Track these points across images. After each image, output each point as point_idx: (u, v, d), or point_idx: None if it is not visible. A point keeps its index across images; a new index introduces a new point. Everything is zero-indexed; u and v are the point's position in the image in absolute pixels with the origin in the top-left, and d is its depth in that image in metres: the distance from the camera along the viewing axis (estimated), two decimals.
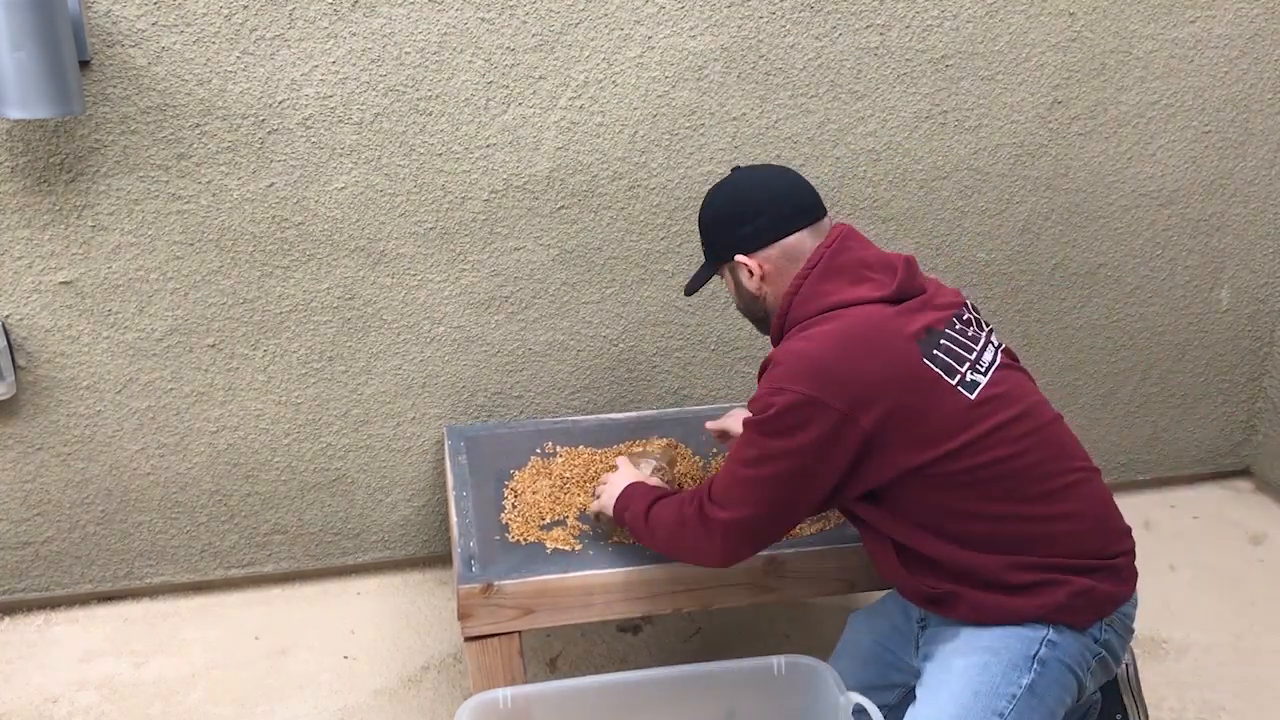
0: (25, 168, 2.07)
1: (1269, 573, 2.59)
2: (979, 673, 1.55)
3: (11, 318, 2.18)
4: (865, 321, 1.54)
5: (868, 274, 1.60)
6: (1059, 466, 1.59)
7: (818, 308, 1.58)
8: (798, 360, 1.52)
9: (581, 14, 2.18)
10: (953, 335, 1.58)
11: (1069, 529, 1.58)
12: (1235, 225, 2.73)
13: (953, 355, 1.55)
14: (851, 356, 1.50)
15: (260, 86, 2.11)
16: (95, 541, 2.40)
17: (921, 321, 1.56)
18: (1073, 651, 1.57)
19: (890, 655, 1.76)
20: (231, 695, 2.18)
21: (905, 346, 1.52)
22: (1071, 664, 1.57)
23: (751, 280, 1.68)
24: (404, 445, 2.48)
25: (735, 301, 1.77)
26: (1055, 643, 1.56)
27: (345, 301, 2.31)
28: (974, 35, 2.38)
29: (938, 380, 1.52)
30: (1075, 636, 1.57)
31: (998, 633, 1.57)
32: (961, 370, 1.55)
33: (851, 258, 1.61)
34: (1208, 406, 2.93)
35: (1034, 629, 1.56)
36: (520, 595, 1.77)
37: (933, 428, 1.51)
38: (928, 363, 1.52)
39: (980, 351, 1.59)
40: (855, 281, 1.59)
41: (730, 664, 1.71)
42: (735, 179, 1.72)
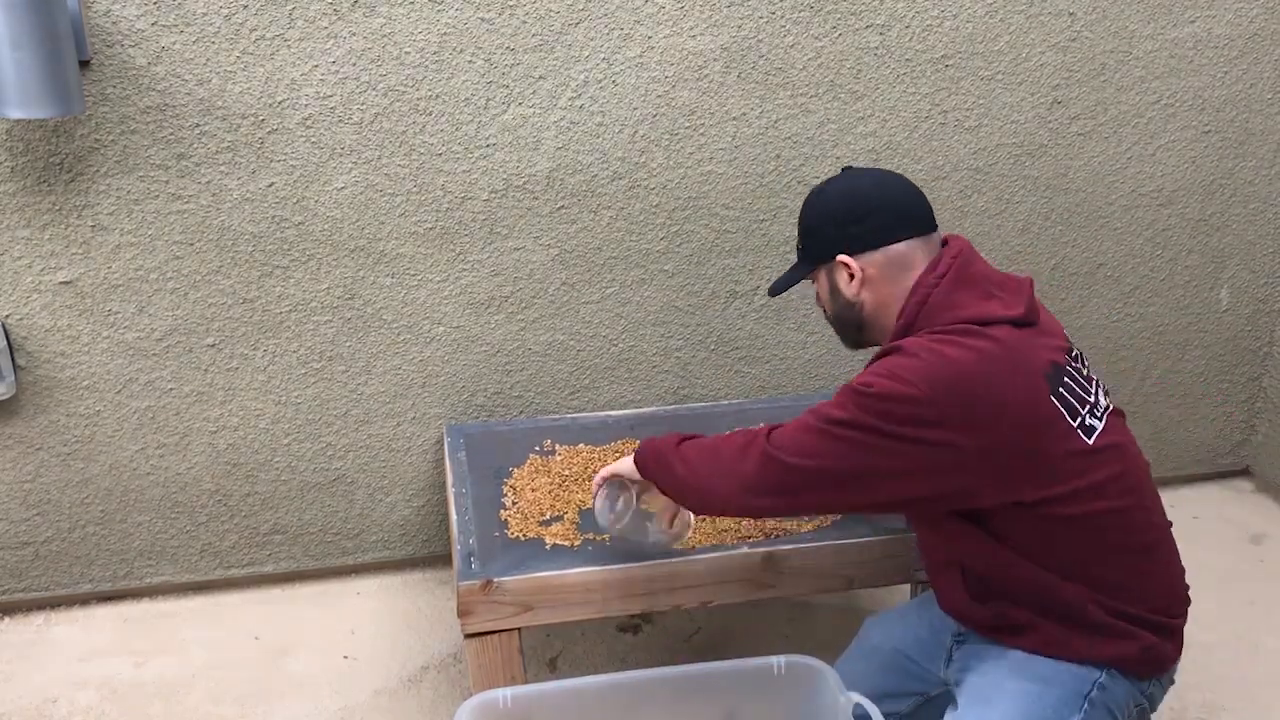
0: (25, 168, 2.07)
1: (1269, 573, 2.59)
2: (1032, 701, 1.52)
3: (11, 318, 2.18)
4: (1003, 343, 1.45)
5: (995, 291, 1.53)
6: (1153, 521, 1.57)
7: (954, 318, 1.49)
8: (930, 356, 1.42)
9: (581, 14, 2.18)
10: (1073, 373, 1.52)
11: (1153, 585, 1.56)
12: (1235, 225, 2.73)
13: (1074, 396, 1.49)
14: (986, 375, 1.42)
15: (260, 86, 2.11)
16: (95, 541, 2.40)
17: (1048, 355, 1.49)
18: (1120, 699, 1.55)
19: (911, 664, 1.73)
20: (231, 695, 2.18)
21: (1037, 379, 1.45)
22: (1116, 710, 1.54)
23: (851, 284, 1.58)
24: (404, 445, 2.48)
25: (824, 307, 1.67)
26: (1106, 687, 1.53)
27: (345, 301, 2.31)
28: (974, 35, 2.38)
29: (1060, 419, 1.45)
30: (1127, 686, 1.55)
31: (1052, 664, 1.55)
32: (1082, 413, 1.49)
33: (979, 271, 1.54)
34: (1208, 406, 2.93)
35: (1089, 669, 1.54)
36: (520, 592, 1.77)
37: (1048, 468, 1.45)
38: (1054, 400, 1.46)
39: (1096, 394, 1.55)
40: (985, 297, 1.51)
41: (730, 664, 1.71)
42: (845, 178, 1.62)
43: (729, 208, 2.41)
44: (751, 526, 1.93)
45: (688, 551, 1.84)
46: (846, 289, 1.59)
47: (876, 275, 1.56)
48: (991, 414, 1.40)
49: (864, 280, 1.57)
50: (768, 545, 1.87)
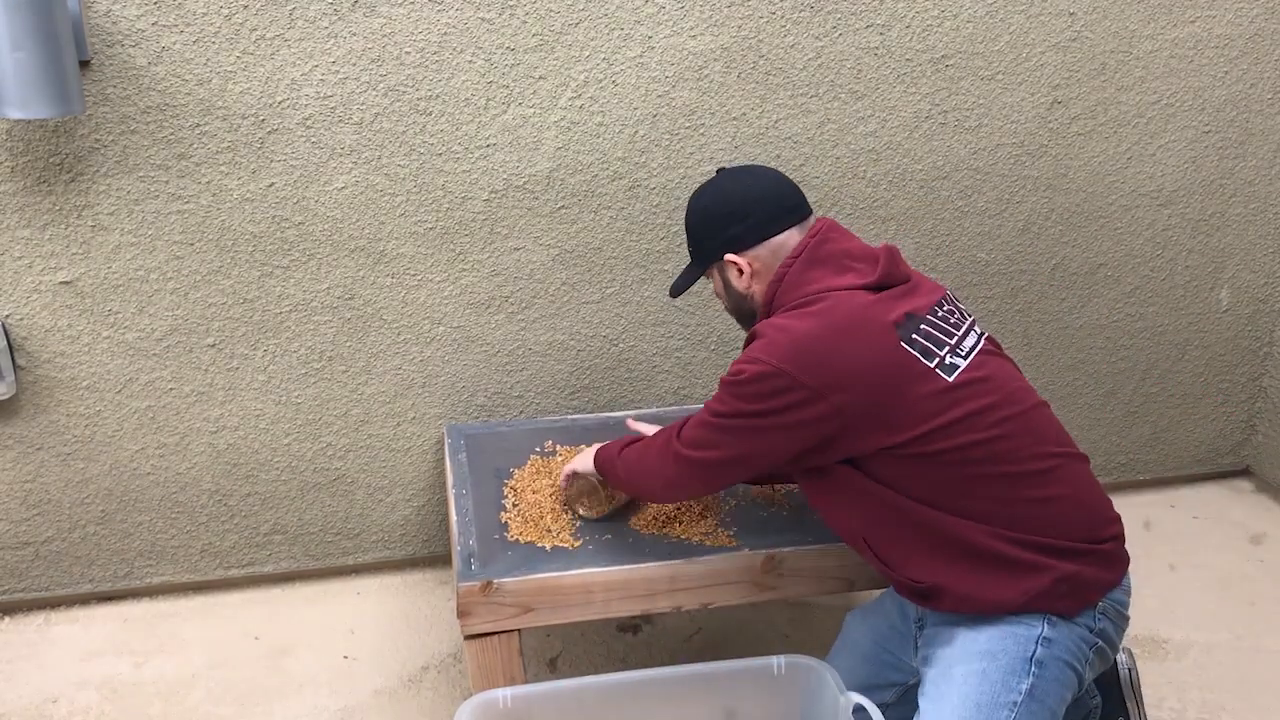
0: (25, 168, 2.07)
1: (1269, 573, 2.59)
2: (979, 681, 1.55)
3: (11, 318, 2.18)
4: (847, 305, 1.58)
5: (851, 264, 1.64)
6: (1040, 450, 1.60)
7: (802, 294, 1.62)
8: (778, 334, 1.57)
9: (581, 14, 2.18)
10: (933, 320, 1.61)
11: (1052, 512, 1.58)
12: (1235, 225, 2.73)
13: (932, 339, 1.58)
14: (830, 338, 1.55)
15: (260, 86, 2.11)
16: (95, 541, 2.40)
17: (903, 308, 1.59)
18: (1069, 646, 1.57)
19: (888, 655, 1.76)
20: (231, 695, 2.18)
21: (883, 331, 1.56)
22: (1069, 659, 1.57)
23: (741, 279, 1.72)
24: (404, 445, 2.48)
25: (723, 300, 1.81)
26: (1051, 639, 1.56)
27: (345, 301, 2.31)
28: (974, 35, 2.38)
29: (914, 362, 1.55)
30: (1070, 629, 1.57)
31: (993, 634, 1.57)
32: (940, 354, 1.58)
33: (835, 248, 1.66)
34: (1208, 406, 2.93)
35: (1028, 626, 1.56)
36: (520, 593, 1.77)
37: (907, 410, 1.54)
38: (905, 346, 1.56)
39: (962, 337, 1.62)
40: (839, 271, 1.63)
41: (730, 664, 1.71)
42: (721, 180, 1.75)
43: None
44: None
45: (688, 552, 1.84)
46: (737, 283, 1.73)
47: (762, 268, 1.70)
48: (843, 367, 1.53)
49: (753, 273, 1.71)
50: (768, 547, 1.87)
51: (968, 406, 1.55)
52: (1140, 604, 2.43)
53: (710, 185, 1.76)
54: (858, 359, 1.54)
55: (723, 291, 1.78)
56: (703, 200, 1.75)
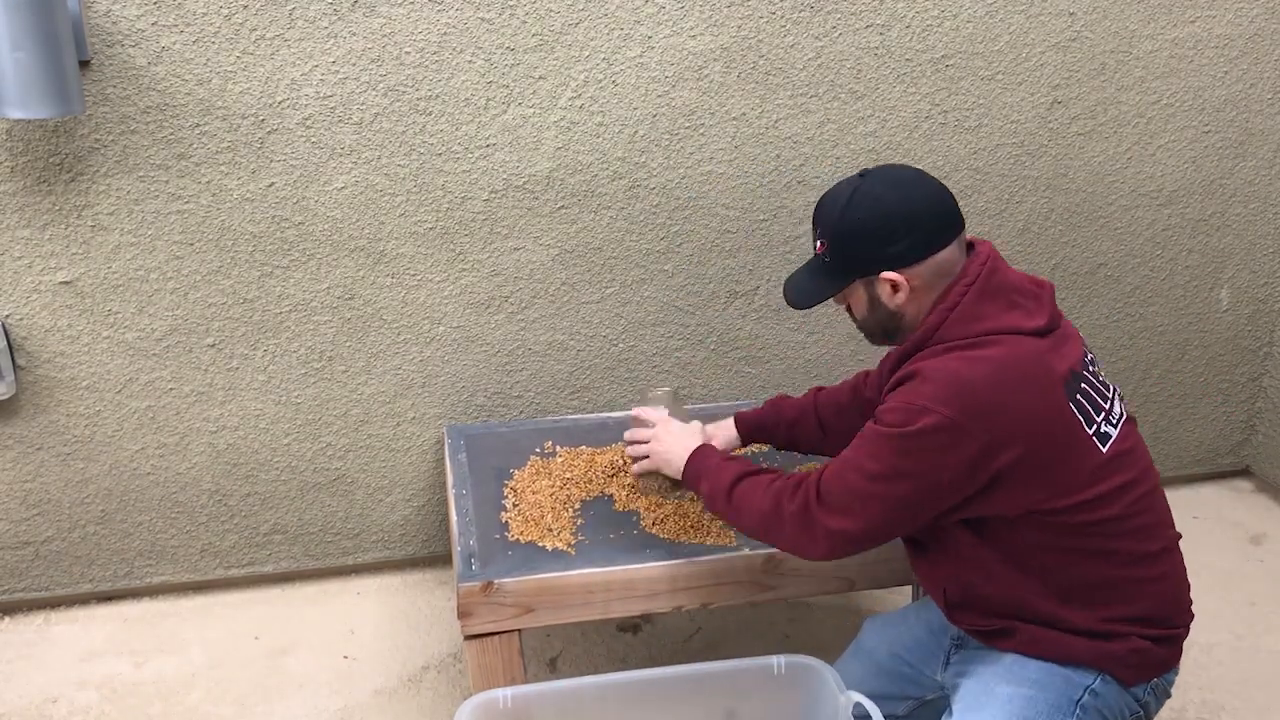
0: (25, 168, 2.07)
1: (1269, 573, 2.59)
2: (1023, 705, 1.52)
3: (11, 318, 2.18)
4: (1022, 354, 1.47)
5: (1019, 300, 1.53)
6: (1161, 531, 1.57)
7: (971, 331, 1.49)
8: (951, 382, 1.43)
9: (581, 14, 2.18)
10: (1090, 381, 1.53)
11: (1154, 593, 1.56)
12: (1235, 225, 2.73)
13: (1091, 403, 1.50)
14: (1005, 389, 1.43)
15: (260, 86, 2.11)
16: (95, 541, 2.40)
17: (1067, 363, 1.50)
18: (1113, 706, 1.55)
19: (908, 669, 1.74)
20: (231, 695, 2.18)
21: (1054, 387, 1.46)
22: (1109, 716, 1.54)
23: (895, 296, 1.55)
24: (404, 445, 2.48)
25: (857, 314, 1.63)
26: (1099, 693, 1.53)
27: (345, 301, 2.31)
28: (974, 35, 2.38)
29: (1079, 428, 1.47)
30: (1120, 692, 1.55)
31: (1044, 668, 1.55)
32: (1098, 420, 1.50)
33: (1004, 280, 1.53)
34: (1208, 406, 2.93)
35: (1083, 674, 1.54)
36: (520, 594, 1.77)
37: (1065, 476, 1.46)
38: (1072, 408, 1.47)
39: (1112, 403, 1.55)
40: (1009, 307, 1.51)
41: (730, 664, 1.71)
42: (875, 188, 1.54)
43: (729, 208, 2.41)
44: None
45: (688, 552, 1.84)
46: (889, 300, 1.56)
47: (922, 285, 1.54)
48: (1017, 420, 1.42)
49: (910, 291, 1.54)
50: (768, 547, 1.87)
51: (1114, 481, 1.49)
52: None
53: (863, 194, 1.54)
54: (1032, 413, 1.43)
55: (864, 308, 1.59)
56: (858, 211, 1.53)
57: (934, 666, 1.71)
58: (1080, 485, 1.47)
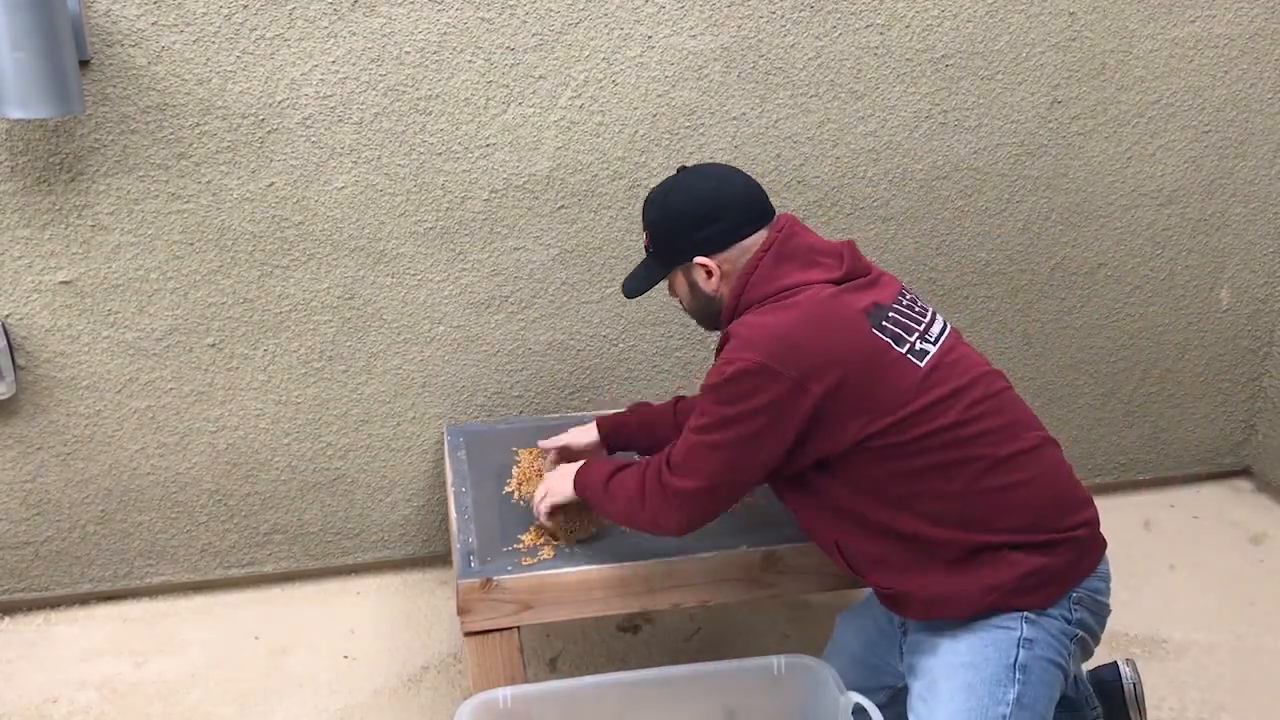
0: (25, 167, 2.07)
1: (1269, 573, 2.59)
2: (965, 696, 1.53)
3: (11, 317, 2.18)
4: (818, 298, 1.59)
5: (817, 258, 1.65)
6: (1011, 433, 1.60)
7: (771, 290, 1.62)
8: (752, 330, 1.57)
9: (581, 14, 2.18)
10: (900, 309, 1.63)
11: (1022, 498, 1.57)
12: (1235, 225, 2.73)
13: (901, 326, 1.60)
14: (805, 329, 1.55)
15: (260, 86, 2.11)
16: (95, 541, 2.40)
17: (869, 298, 1.61)
18: (1050, 643, 1.56)
19: (876, 659, 1.76)
20: (231, 695, 2.18)
21: (855, 319, 1.57)
22: (1052, 656, 1.55)
23: (709, 281, 1.69)
24: (404, 445, 2.48)
25: (683, 301, 1.77)
26: (1031, 640, 1.55)
27: (345, 301, 2.31)
28: (974, 35, 2.38)
29: (887, 349, 1.56)
30: (1047, 624, 1.56)
31: (973, 642, 1.56)
32: (910, 340, 1.59)
33: (801, 243, 1.66)
34: (1208, 406, 2.93)
35: (1006, 630, 1.55)
36: (519, 590, 1.77)
37: (884, 395, 1.54)
38: (877, 333, 1.57)
39: (929, 324, 1.64)
40: (806, 266, 1.64)
41: (730, 664, 1.71)
42: (688, 181, 1.71)
43: None
44: None
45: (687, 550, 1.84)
46: (705, 285, 1.70)
47: (731, 269, 1.68)
48: (821, 354, 1.53)
49: (721, 275, 1.68)
50: (767, 545, 1.87)
51: (939, 391, 1.56)
52: (1140, 604, 2.43)
53: (677, 185, 1.71)
54: (834, 346, 1.54)
55: (686, 293, 1.75)
56: (671, 201, 1.70)
57: (894, 655, 1.74)
58: (902, 401, 1.54)
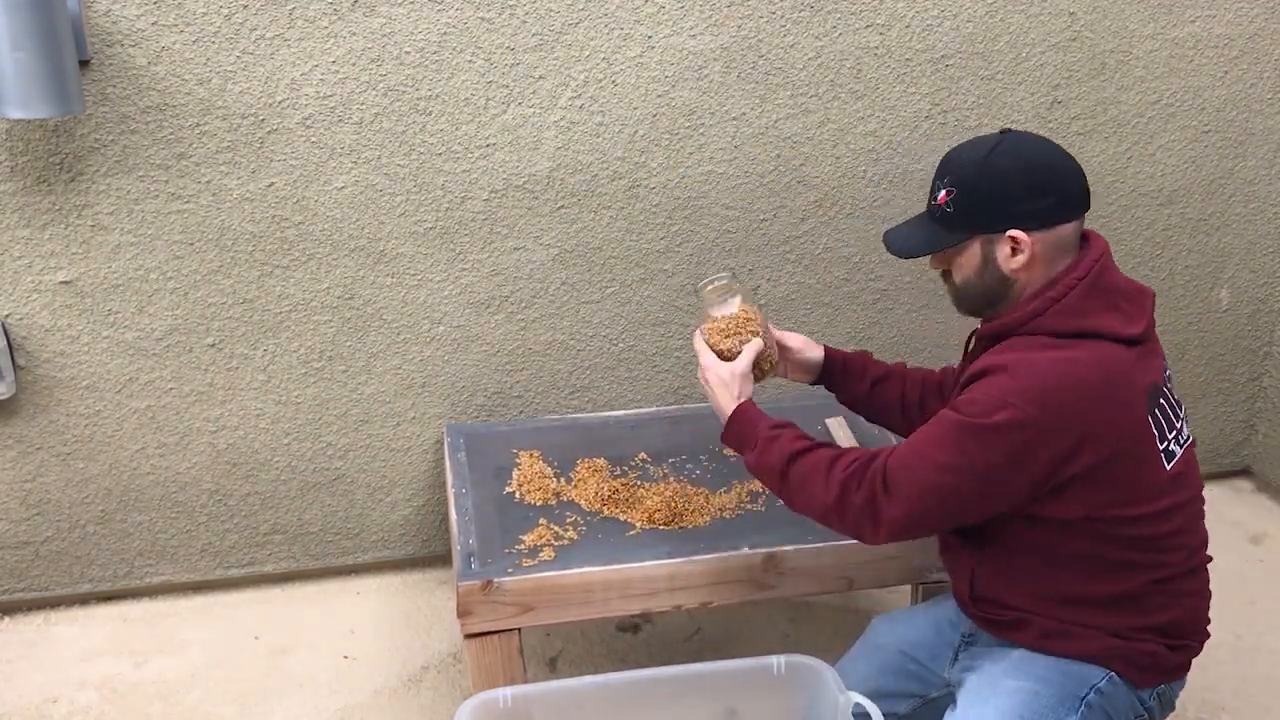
0: (25, 167, 2.07)
1: (1269, 573, 2.59)
2: (1028, 699, 1.51)
3: (11, 317, 2.18)
4: (1110, 361, 1.43)
5: (1122, 304, 1.49)
6: (1198, 550, 1.58)
7: (1070, 327, 1.45)
8: (1036, 378, 1.40)
9: (581, 14, 2.18)
10: (1168, 397, 1.52)
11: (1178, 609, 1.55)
12: (1235, 225, 2.73)
13: (1165, 419, 1.49)
14: (1092, 393, 1.40)
15: (260, 86, 2.11)
16: (95, 541, 2.40)
17: (1151, 375, 1.49)
18: (1119, 707, 1.54)
19: (915, 666, 1.73)
20: (231, 695, 2.18)
21: (1138, 399, 1.44)
22: (1114, 716, 1.54)
23: (1013, 260, 1.48)
24: (404, 445, 2.48)
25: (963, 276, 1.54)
26: (1105, 692, 1.52)
27: (345, 301, 2.31)
28: (974, 35, 2.38)
29: (1153, 442, 1.46)
30: (1127, 693, 1.54)
31: (1051, 664, 1.54)
32: (1169, 437, 1.49)
33: (1112, 281, 1.50)
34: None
35: (1090, 671, 1.53)
36: (519, 592, 1.77)
37: (1133, 486, 1.45)
38: (1150, 421, 1.46)
39: (1183, 422, 1.55)
40: (1110, 308, 1.47)
41: (730, 664, 1.71)
42: (1020, 144, 1.50)
43: (729, 208, 2.41)
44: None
45: (688, 551, 1.84)
46: (1005, 264, 1.49)
47: (1041, 255, 1.48)
48: (1095, 423, 1.40)
49: (1030, 258, 1.47)
50: (768, 546, 1.87)
51: (1174, 499, 1.49)
52: None
53: (1004, 145, 1.50)
54: (1114, 421, 1.41)
55: (976, 267, 1.52)
56: (996, 161, 1.48)
57: (942, 664, 1.70)
58: (1144, 498, 1.46)
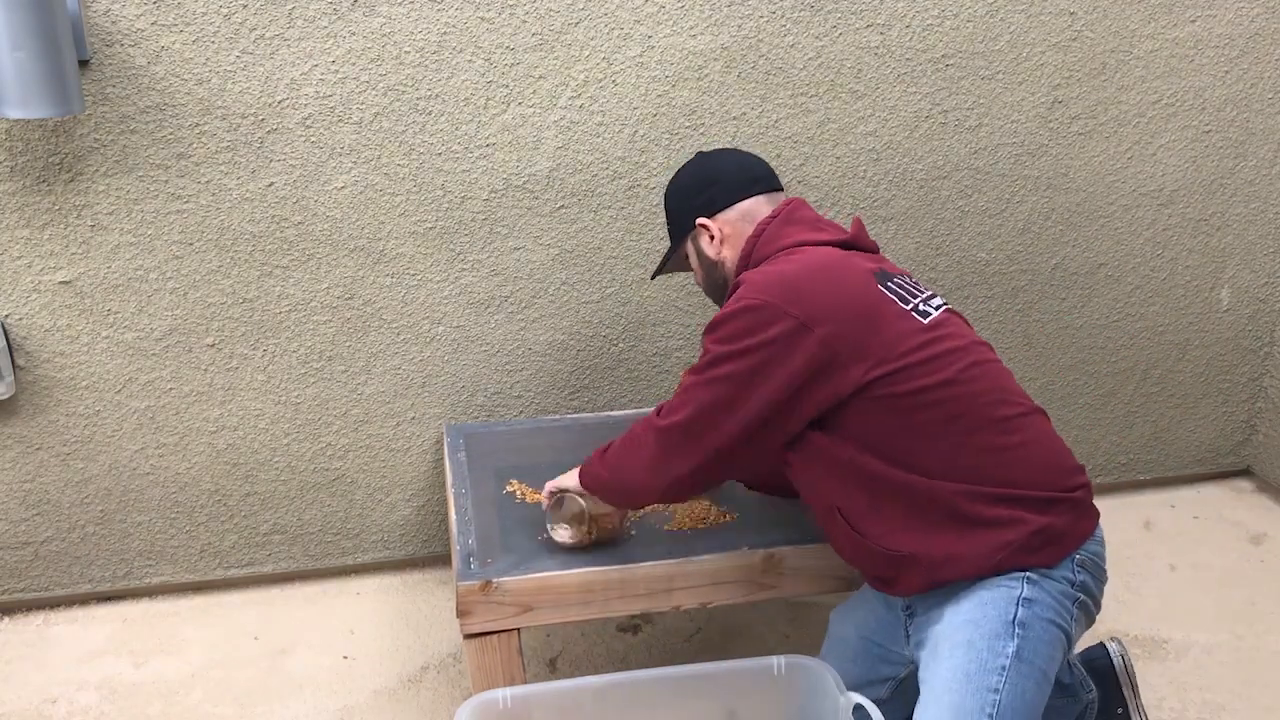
0: (25, 167, 2.07)
1: (1269, 573, 2.59)
2: (965, 652, 1.53)
3: (11, 317, 2.18)
4: (824, 254, 1.64)
5: (822, 227, 1.71)
6: (1005, 398, 1.62)
7: (778, 247, 1.67)
8: (761, 277, 1.60)
9: (581, 13, 2.18)
10: (903, 280, 1.68)
11: (1022, 457, 1.58)
12: (1235, 225, 2.73)
13: (905, 290, 1.64)
14: (812, 276, 1.59)
15: (260, 86, 2.11)
16: (95, 541, 2.40)
17: (876, 264, 1.67)
18: (1051, 604, 1.55)
19: (877, 648, 1.75)
20: (231, 695, 2.18)
21: (862, 275, 1.62)
22: (1053, 617, 1.55)
23: (712, 245, 1.76)
24: (403, 445, 2.48)
25: (697, 277, 1.85)
26: (1031, 599, 1.54)
27: (345, 301, 2.31)
28: (974, 35, 2.38)
29: (892, 302, 1.60)
30: (1050, 585, 1.55)
31: (974, 602, 1.56)
32: (914, 301, 1.63)
33: (809, 214, 1.73)
34: (1208, 406, 2.93)
35: (1007, 589, 1.54)
36: (519, 592, 1.77)
37: (887, 343, 1.56)
38: (882, 289, 1.61)
39: (929, 297, 1.67)
40: (813, 230, 1.70)
41: (730, 664, 1.71)
42: (693, 160, 1.85)
43: None
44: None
45: (688, 551, 1.84)
46: (709, 249, 1.77)
47: (732, 232, 1.74)
48: (826, 299, 1.55)
49: (723, 238, 1.75)
50: (768, 546, 1.87)
51: (940, 347, 1.59)
52: (1140, 604, 2.43)
53: (687, 164, 1.85)
54: (840, 292, 1.57)
55: (698, 266, 1.82)
56: (677, 177, 1.84)
57: (898, 641, 1.72)
58: (905, 350, 1.56)
